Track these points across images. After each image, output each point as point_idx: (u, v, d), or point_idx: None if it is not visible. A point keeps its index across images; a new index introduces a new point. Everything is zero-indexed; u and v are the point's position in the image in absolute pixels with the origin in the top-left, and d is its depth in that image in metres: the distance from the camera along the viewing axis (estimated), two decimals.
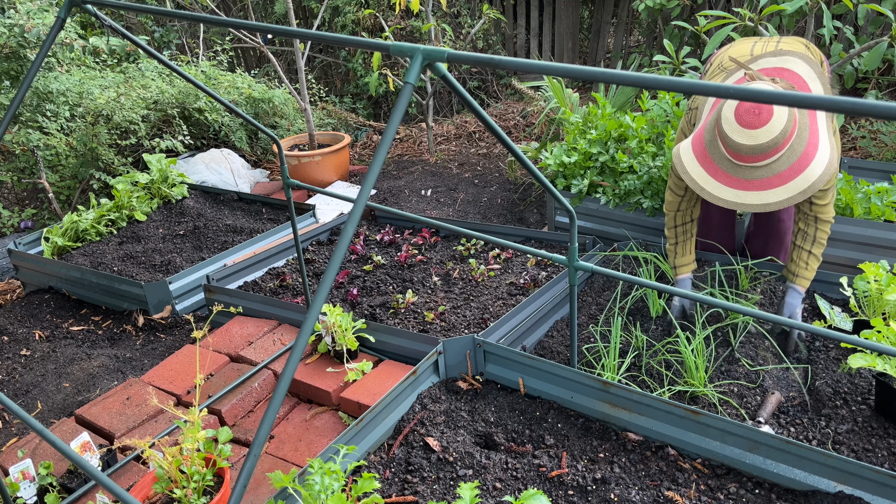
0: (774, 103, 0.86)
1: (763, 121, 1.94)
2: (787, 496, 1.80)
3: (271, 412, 0.99)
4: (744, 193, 2.05)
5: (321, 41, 1.38)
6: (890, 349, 1.48)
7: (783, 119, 1.92)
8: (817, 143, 2.00)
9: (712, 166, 2.10)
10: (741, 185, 2.05)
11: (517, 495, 1.84)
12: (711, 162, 2.10)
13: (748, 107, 1.94)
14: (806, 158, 1.97)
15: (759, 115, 1.93)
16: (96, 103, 4.37)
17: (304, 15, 7.14)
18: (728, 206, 2.08)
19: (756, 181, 2.02)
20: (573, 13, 6.52)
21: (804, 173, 1.98)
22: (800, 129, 1.98)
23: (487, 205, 4.37)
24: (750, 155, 1.98)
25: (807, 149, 1.98)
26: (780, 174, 1.99)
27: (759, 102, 1.00)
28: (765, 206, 2.03)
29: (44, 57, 1.58)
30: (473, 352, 2.36)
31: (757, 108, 1.93)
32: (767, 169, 2.00)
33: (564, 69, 1.07)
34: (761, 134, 1.94)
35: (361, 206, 1.11)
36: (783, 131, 1.93)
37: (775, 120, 1.92)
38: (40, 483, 2.03)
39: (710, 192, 2.10)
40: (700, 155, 2.14)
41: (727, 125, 1.99)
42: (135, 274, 3.42)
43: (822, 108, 0.83)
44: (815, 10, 3.39)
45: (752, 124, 1.95)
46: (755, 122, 1.94)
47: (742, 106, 1.95)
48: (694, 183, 2.14)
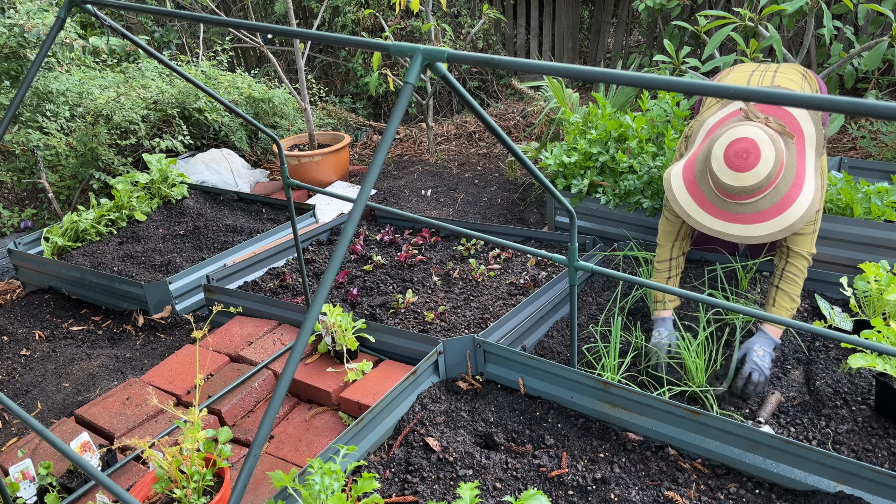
0: (777, 103, 0.86)
1: (750, 165, 2.00)
2: (787, 496, 1.80)
3: (271, 412, 0.99)
4: (729, 224, 2.13)
5: (321, 41, 1.38)
6: (890, 349, 1.48)
7: (769, 164, 1.99)
8: (802, 185, 2.08)
9: (700, 196, 2.17)
10: (726, 218, 2.12)
11: (517, 495, 1.84)
12: (700, 192, 2.17)
13: (737, 150, 2.02)
14: (789, 199, 2.05)
15: (746, 160, 2.00)
16: (96, 103, 4.37)
17: (304, 15, 7.14)
18: (713, 234, 2.16)
19: (740, 216, 2.10)
20: (573, 13, 6.52)
21: (786, 213, 2.05)
22: (786, 170, 2.05)
23: (487, 205, 4.37)
24: (735, 195, 2.06)
25: (791, 189, 2.05)
26: (763, 212, 2.07)
27: (762, 102, 1.00)
28: (747, 238, 2.11)
29: (44, 57, 1.58)
30: (473, 352, 2.36)
31: (745, 152, 2.01)
32: (752, 206, 2.07)
33: (564, 69, 1.07)
34: (748, 177, 2.01)
35: (361, 206, 1.10)
36: (769, 175, 2.00)
37: (762, 165, 1.99)
38: (40, 483, 2.03)
39: (696, 220, 2.17)
40: (689, 183, 2.20)
41: (716, 164, 2.06)
42: (135, 274, 3.42)
43: (822, 109, 0.83)
44: (815, 10, 3.39)
45: (740, 168, 2.01)
46: (742, 165, 2.01)
47: (731, 148, 2.03)
48: (682, 210, 2.20)
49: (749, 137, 2.02)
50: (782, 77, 2.38)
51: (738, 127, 2.05)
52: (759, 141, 2.01)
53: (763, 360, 2.24)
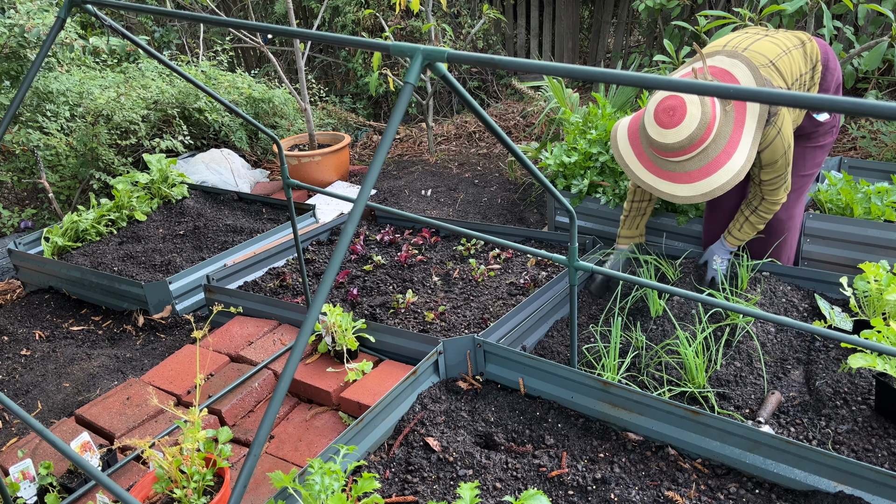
0: (769, 102, 0.86)
1: (675, 122, 2.06)
2: (787, 496, 1.80)
3: (271, 412, 0.99)
4: (659, 181, 2.22)
5: (321, 41, 1.38)
6: (890, 349, 1.48)
7: (692, 125, 2.04)
8: (732, 153, 2.12)
9: (639, 148, 2.27)
10: (658, 174, 2.21)
11: (517, 495, 1.84)
12: (639, 144, 2.27)
13: (665, 106, 2.08)
14: (715, 164, 2.11)
15: (672, 117, 2.06)
16: (96, 103, 4.37)
17: (304, 15, 7.14)
18: (644, 187, 2.29)
19: (670, 174, 2.17)
20: (573, 13, 6.52)
21: (709, 178, 2.12)
22: (716, 136, 2.09)
23: (487, 205, 4.37)
24: (662, 151, 2.12)
25: (719, 156, 2.10)
26: (690, 173, 2.15)
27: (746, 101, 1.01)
28: (671, 196, 2.20)
29: (44, 57, 1.58)
30: (473, 352, 2.36)
31: (672, 109, 2.07)
32: (680, 166, 2.15)
33: (564, 69, 1.07)
34: (670, 134, 2.08)
35: (361, 206, 1.11)
36: (691, 137, 2.05)
37: (685, 124, 2.05)
38: (40, 483, 2.03)
39: (631, 170, 2.29)
40: (632, 135, 2.31)
41: (647, 118, 2.14)
42: (135, 274, 3.42)
43: (821, 108, 0.83)
44: (815, 10, 3.39)
45: (665, 124, 2.08)
46: (667, 122, 2.08)
47: (661, 105, 2.09)
48: (620, 159, 2.31)
49: (679, 96, 2.07)
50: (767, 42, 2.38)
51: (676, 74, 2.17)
52: (688, 101, 2.05)
53: (721, 266, 2.66)
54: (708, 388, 2.25)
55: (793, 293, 2.71)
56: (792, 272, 2.77)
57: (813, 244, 2.95)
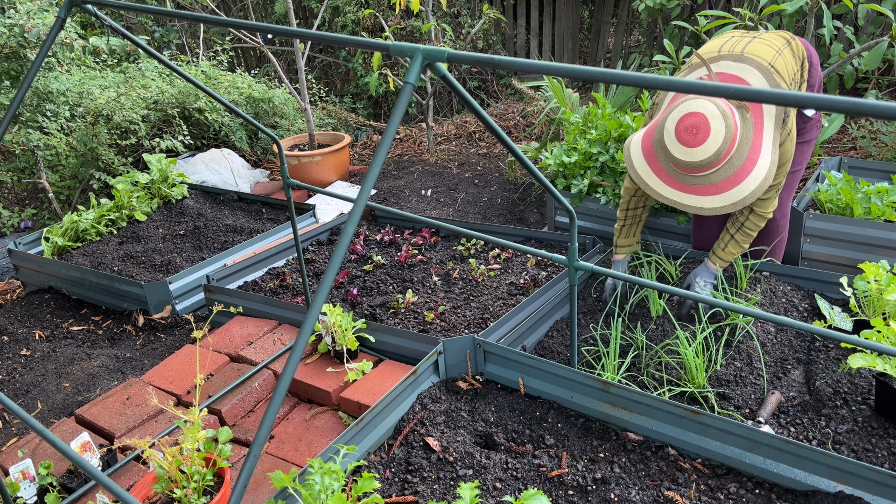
0: (769, 102, 0.86)
1: (699, 141, 2.02)
2: (787, 496, 1.80)
3: (271, 412, 0.99)
4: (684, 195, 2.18)
5: (321, 41, 1.38)
6: (890, 349, 1.48)
7: (719, 140, 2.01)
8: (756, 159, 2.09)
9: (657, 165, 2.21)
10: (681, 188, 2.17)
11: (517, 495, 1.84)
12: (656, 161, 2.21)
13: (687, 125, 2.04)
14: (742, 172, 2.08)
15: (695, 136, 2.02)
16: (96, 103, 4.37)
17: (304, 15, 7.14)
18: (667, 202, 2.23)
19: (694, 187, 2.14)
20: (573, 13, 6.52)
21: (738, 187, 2.10)
22: (739, 144, 2.07)
23: (487, 205, 4.37)
24: (687, 168, 2.10)
25: (745, 163, 2.08)
26: (717, 184, 2.12)
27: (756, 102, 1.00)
28: (700, 209, 2.16)
29: (44, 57, 1.58)
30: (473, 352, 2.36)
31: (694, 127, 2.03)
32: (705, 179, 2.11)
33: (564, 69, 1.07)
34: (697, 153, 2.03)
35: (361, 206, 1.10)
36: (718, 152, 2.02)
37: (711, 141, 2.01)
38: (40, 483, 2.03)
39: (652, 188, 2.24)
40: (647, 152, 2.24)
41: (668, 139, 2.09)
42: (135, 274, 3.42)
43: (821, 108, 0.83)
44: (815, 10, 3.40)
45: (690, 143, 2.04)
46: (692, 141, 2.03)
47: (682, 123, 2.05)
48: (638, 178, 2.26)
49: (700, 112, 2.03)
50: (759, 43, 2.36)
51: (692, 101, 2.06)
52: (709, 116, 2.01)
53: (704, 290, 2.54)
54: (708, 388, 2.25)
55: (793, 293, 2.71)
56: (792, 272, 2.77)
57: (813, 244, 2.95)
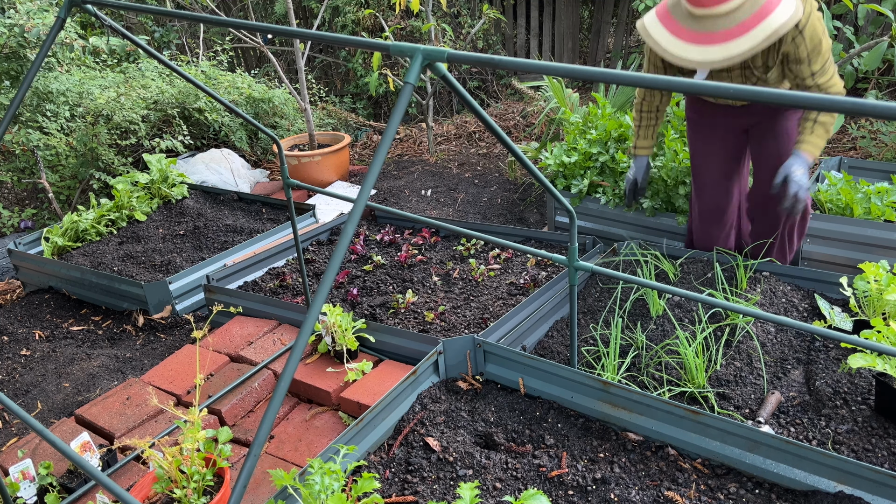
0: (770, 102, 0.86)
1: None
2: (787, 496, 1.80)
3: (271, 412, 0.99)
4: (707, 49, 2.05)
5: (321, 41, 1.38)
6: (890, 349, 1.48)
7: None
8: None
9: (675, 25, 2.13)
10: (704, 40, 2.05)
11: (517, 495, 1.84)
12: (674, 21, 2.13)
13: None
14: (769, 4, 1.98)
15: None
16: (96, 103, 4.37)
17: (304, 15, 7.14)
18: (692, 64, 2.09)
19: (718, 33, 2.02)
20: (573, 13, 6.52)
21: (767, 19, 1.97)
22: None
23: (487, 205, 4.37)
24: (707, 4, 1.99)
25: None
26: (743, 22, 1.99)
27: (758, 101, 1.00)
28: (729, 58, 2.02)
29: (44, 57, 1.58)
30: (473, 352, 2.36)
31: None
32: (729, 18, 2.00)
33: (564, 69, 1.07)
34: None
35: (361, 206, 1.11)
36: None
37: None
38: (40, 483, 2.03)
39: (673, 53, 2.12)
40: (663, 17, 2.18)
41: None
42: (135, 274, 3.42)
43: (822, 109, 0.83)
44: None
45: None
46: None
47: None
48: (657, 45, 2.16)
49: None
50: None
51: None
52: None
53: (802, 178, 2.31)
54: (708, 388, 2.25)
55: (793, 293, 2.71)
56: (792, 272, 2.77)
57: (813, 244, 2.95)
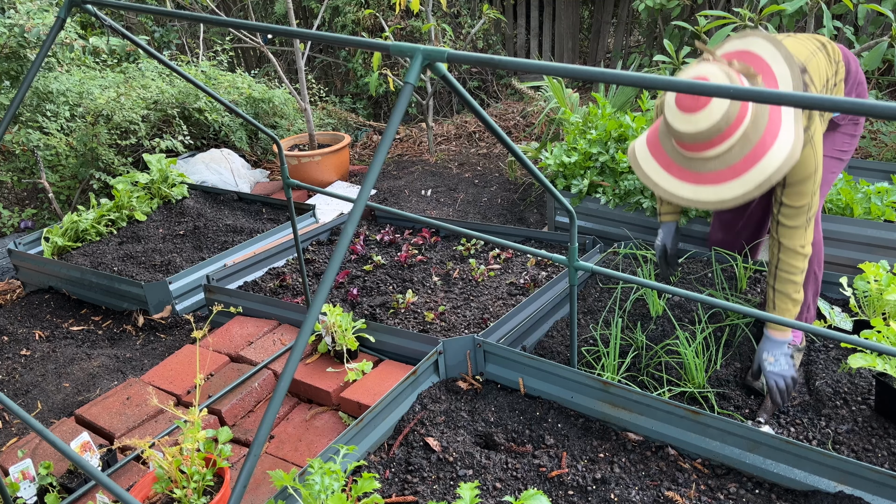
0: (768, 102, 0.86)
1: (701, 104, 1.75)
2: (787, 496, 1.80)
3: (271, 412, 0.99)
4: (699, 188, 1.87)
5: (321, 41, 1.38)
6: (890, 349, 1.48)
7: (724, 102, 1.73)
8: (777, 132, 1.80)
9: (665, 158, 1.94)
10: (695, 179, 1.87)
11: (517, 495, 1.84)
12: (664, 154, 1.95)
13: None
14: (762, 147, 1.78)
15: (697, 98, 1.76)
16: (96, 103, 4.37)
17: (304, 15, 7.14)
18: (683, 203, 1.92)
19: (709, 174, 1.84)
20: (573, 13, 6.52)
21: (759, 164, 1.78)
22: (754, 116, 1.78)
23: (487, 205, 4.37)
24: (693, 143, 1.80)
25: (763, 137, 1.78)
26: (733, 166, 1.80)
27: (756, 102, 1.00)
28: (721, 202, 1.85)
29: (44, 57, 1.58)
30: (473, 352, 2.36)
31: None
32: (719, 161, 1.81)
33: (564, 69, 1.07)
34: (701, 119, 1.75)
35: (361, 206, 1.11)
36: (726, 116, 1.74)
37: (714, 103, 1.74)
38: (40, 483, 2.03)
39: (664, 189, 1.94)
40: (653, 146, 1.99)
41: (669, 111, 1.82)
42: (135, 274, 3.42)
43: (822, 108, 0.83)
44: (815, 10, 3.39)
45: (691, 108, 1.76)
46: (693, 105, 1.76)
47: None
48: (647, 178, 1.98)
49: (700, 75, 1.77)
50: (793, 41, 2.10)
51: (692, 68, 1.82)
52: (710, 76, 1.75)
53: (777, 365, 2.11)
54: (708, 388, 2.25)
55: None
56: None
57: None
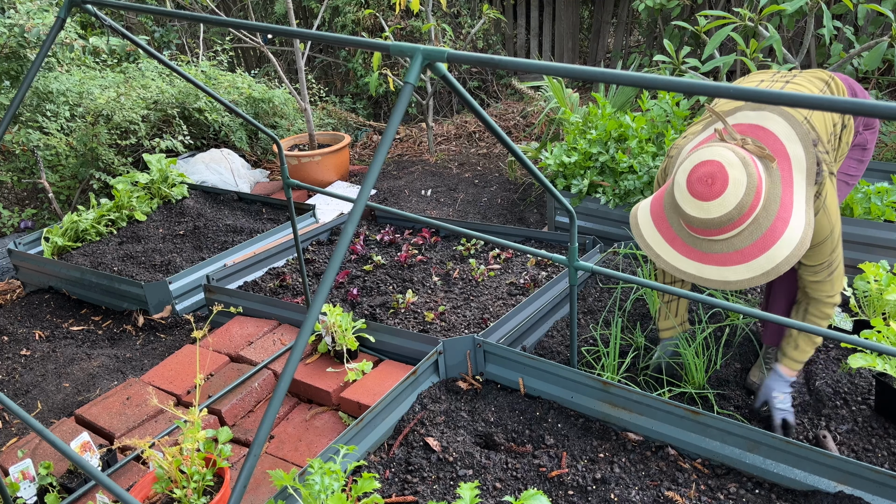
0: (774, 103, 0.86)
1: (716, 192, 1.67)
2: (787, 496, 1.80)
3: (271, 412, 0.99)
4: (702, 266, 1.81)
5: (321, 41, 1.38)
6: (890, 349, 1.48)
7: (739, 192, 1.66)
8: (788, 219, 1.74)
9: (670, 232, 1.86)
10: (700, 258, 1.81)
11: (517, 495, 1.84)
12: (669, 228, 1.86)
13: (701, 175, 1.68)
14: (773, 235, 1.72)
15: (711, 186, 1.67)
16: (96, 103, 4.37)
17: (304, 15, 7.14)
18: (686, 278, 1.85)
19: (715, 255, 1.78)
20: (573, 13, 6.52)
21: (769, 252, 1.72)
22: (767, 200, 1.72)
23: (487, 205, 4.37)
24: (704, 229, 1.74)
25: (774, 223, 1.72)
26: (742, 251, 1.75)
27: (759, 102, 1.00)
28: (725, 283, 1.79)
29: (44, 57, 1.58)
30: (473, 352, 2.36)
31: (710, 176, 1.67)
32: (727, 244, 1.75)
33: (564, 69, 1.07)
34: (714, 207, 1.68)
35: (361, 206, 1.11)
36: (740, 206, 1.67)
37: (729, 193, 1.66)
38: (40, 483, 2.03)
39: (665, 260, 1.86)
40: (657, 216, 1.89)
41: (679, 193, 1.74)
42: (135, 274, 3.42)
43: (822, 108, 0.83)
44: (815, 10, 3.39)
45: (704, 195, 1.68)
46: (707, 193, 1.68)
47: (695, 173, 1.70)
48: (650, 250, 1.88)
49: (715, 160, 1.68)
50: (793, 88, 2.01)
51: (705, 150, 1.73)
52: (726, 164, 1.67)
53: (785, 403, 2.08)
54: (708, 389, 2.25)
55: None
56: None
57: None
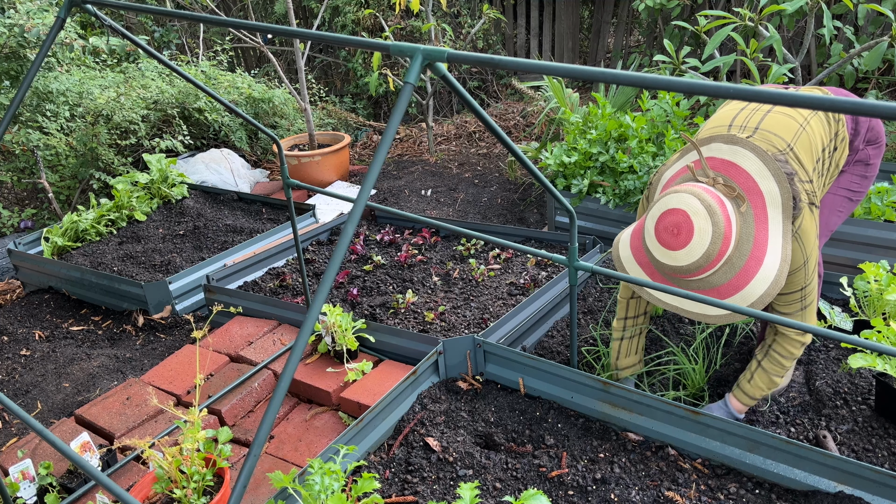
0: (770, 102, 0.86)
1: (681, 243, 1.67)
2: (787, 496, 1.80)
3: (271, 412, 0.99)
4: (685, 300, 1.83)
5: (321, 41, 1.38)
6: (890, 349, 1.48)
7: (705, 241, 1.65)
8: (762, 258, 1.72)
9: (649, 267, 1.86)
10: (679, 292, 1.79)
11: (517, 495, 1.84)
12: (648, 262, 1.86)
13: (667, 224, 1.68)
14: (745, 275, 1.72)
15: (677, 237, 1.67)
16: (96, 103, 4.37)
17: (304, 15, 7.14)
18: (670, 309, 1.88)
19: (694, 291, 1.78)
20: (573, 13, 6.52)
21: (743, 291, 1.73)
22: (738, 242, 1.71)
23: (487, 205, 4.37)
24: (675, 273, 1.74)
25: (748, 263, 1.72)
26: (718, 289, 1.76)
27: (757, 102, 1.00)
28: (704, 316, 1.83)
29: (44, 57, 1.58)
30: (473, 352, 2.36)
31: (675, 227, 1.67)
32: (703, 282, 1.75)
33: (564, 69, 1.07)
34: (681, 256, 1.68)
35: (361, 206, 1.10)
36: (707, 254, 1.67)
37: (695, 243, 1.65)
38: (40, 483, 2.03)
39: (651, 294, 1.88)
40: (637, 252, 1.89)
41: (649, 239, 1.75)
42: (135, 274, 3.42)
43: (822, 109, 0.83)
44: (815, 10, 3.39)
45: (671, 245, 1.69)
46: (673, 243, 1.68)
47: (661, 222, 1.70)
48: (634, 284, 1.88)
49: (680, 209, 1.67)
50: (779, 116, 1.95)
51: (673, 195, 1.71)
52: (691, 213, 1.65)
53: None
54: (708, 389, 2.25)
55: None
56: None
57: None
